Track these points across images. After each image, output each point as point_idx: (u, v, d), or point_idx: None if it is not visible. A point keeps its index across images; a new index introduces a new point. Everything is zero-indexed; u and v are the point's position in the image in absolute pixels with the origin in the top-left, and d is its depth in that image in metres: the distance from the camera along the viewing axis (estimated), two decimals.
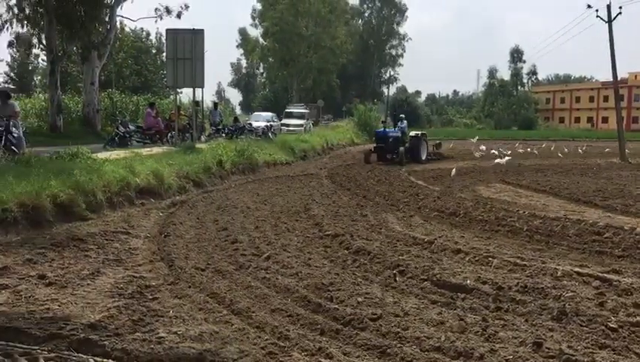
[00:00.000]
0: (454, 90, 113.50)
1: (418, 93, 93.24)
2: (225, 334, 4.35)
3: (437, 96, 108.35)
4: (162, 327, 4.48)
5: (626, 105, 64.54)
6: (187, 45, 18.24)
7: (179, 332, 4.35)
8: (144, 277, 5.95)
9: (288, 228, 8.86)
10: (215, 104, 30.44)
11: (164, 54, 23.40)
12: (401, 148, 22.36)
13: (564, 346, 4.11)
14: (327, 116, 58.79)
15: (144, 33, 49.58)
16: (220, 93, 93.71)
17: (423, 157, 23.57)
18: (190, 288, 5.62)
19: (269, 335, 4.36)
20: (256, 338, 4.28)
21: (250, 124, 28.87)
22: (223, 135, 24.57)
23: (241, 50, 70.71)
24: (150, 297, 5.29)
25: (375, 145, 23.48)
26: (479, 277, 6.00)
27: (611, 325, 4.58)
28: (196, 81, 18.75)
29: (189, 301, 5.19)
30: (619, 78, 27.94)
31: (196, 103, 23.56)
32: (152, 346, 4.10)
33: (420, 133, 24.65)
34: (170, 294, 5.41)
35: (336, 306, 5.04)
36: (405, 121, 26.09)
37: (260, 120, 31.90)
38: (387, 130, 23.70)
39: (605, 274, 6.19)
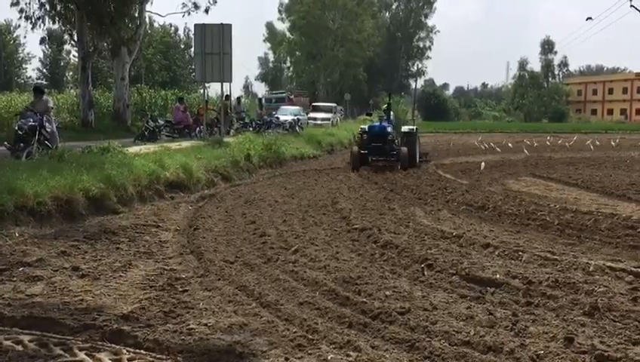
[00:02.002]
0: (483, 83, 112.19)
1: (446, 85, 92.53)
2: (254, 326, 4.39)
3: (465, 89, 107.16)
4: (192, 319, 4.55)
5: None
6: (215, 40, 18.36)
7: (209, 324, 4.40)
8: (174, 270, 6.04)
9: (316, 221, 8.89)
10: (238, 98, 30.64)
11: (193, 49, 23.67)
12: (403, 149, 17.20)
13: (596, 341, 4.05)
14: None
15: (172, 28, 50.20)
16: (247, 87, 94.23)
17: (418, 159, 18.52)
18: (219, 280, 5.69)
19: (297, 328, 4.39)
20: (285, 331, 4.31)
21: (278, 117, 28.97)
22: (250, 129, 24.71)
23: (269, 44, 70.98)
24: (180, 289, 5.37)
25: (362, 143, 17.62)
26: (509, 271, 5.93)
27: None
28: (224, 75, 18.87)
29: (219, 293, 5.25)
30: None
31: (225, 97, 23.74)
32: (183, 337, 4.17)
33: (414, 128, 19.53)
34: (199, 286, 5.48)
35: (364, 299, 5.04)
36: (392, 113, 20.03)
37: (287, 114, 31.98)
38: (384, 124, 17.90)
39: (639, 269, 6.07)
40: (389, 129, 17.74)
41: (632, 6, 25.38)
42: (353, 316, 4.68)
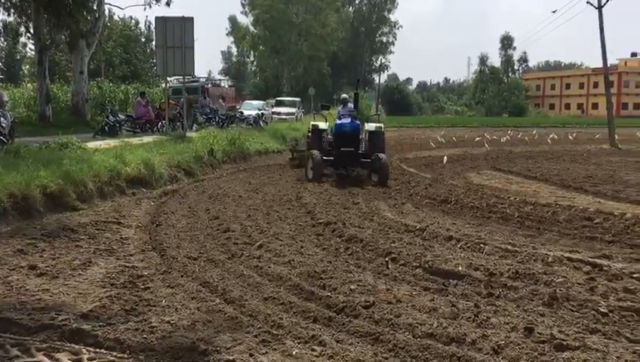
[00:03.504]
0: (445, 78, 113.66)
1: (409, 80, 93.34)
2: (218, 323, 4.35)
3: (428, 84, 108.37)
4: (155, 316, 4.47)
5: (615, 92, 64.76)
6: (177, 33, 18.07)
7: (171, 322, 4.34)
8: (136, 267, 5.93)
9: (280, 216, 8.85)
10: (203, 93, 30.27)
11: (154, 43, 23.25)
12: (381, 156, 12.91)
13: (555, 331, 4.14)
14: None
15: (133, 21, 49.21)
16: (233, 85, 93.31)
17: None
18: (182, 277, 5.61)
19: (261, 324, 4.36)
20: (249, 327, 4.28)
21: (242, 112, 28.76)
22: (214, 124, 24.46)
23: (232, 38, 70.24)
24: (142, 287, 5.27)
25: (321, 146, 13.81)
26: (471, 263, 6.01)
27: (602, 310, 4.62)
28: (186, 69, 18.62)
29: (182, 290, 5.18)
30: (608, 65, 28.02)
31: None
32: (145, 335, 4.09)
33: (381, 125, 14.65)
34: (162, 283, 5.39)
35: (329, 294, 5.05)
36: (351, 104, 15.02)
37: (251, 108, 31.76)
38: (355, 122, 13.58)
39: (596, 260, 6.24)
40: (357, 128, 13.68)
41: (588, 2, 26.01)
42: (318, 310, 4.67)
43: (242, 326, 4.30)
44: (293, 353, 3.82)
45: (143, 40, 51.05)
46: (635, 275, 5.63)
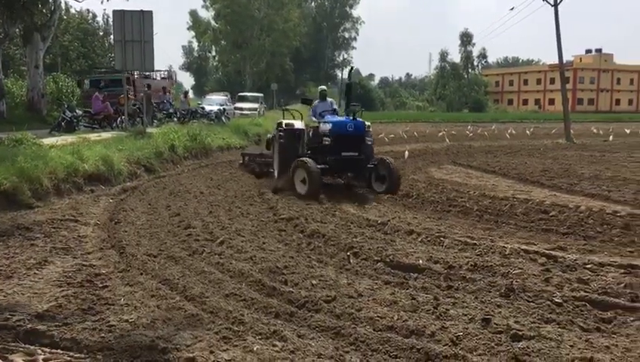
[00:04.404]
0: (407, 73, 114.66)
1: (371, 76, 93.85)
2: (178, 320, 4.30)
3: (390, 80, 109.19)
4: (113, 315, 4.40)
5: (571, 88, 66.52)
6: (135, 27, 17.77)
7: (130, 320, 4.27)
8: (94, 266, 5.82)
9: (242, 212, 8.80)
10: (164, 88, 29.86)
11: (112, 37, 22.73)
12: (389, 161, 10.95)
13: (511, 321, 4.23)
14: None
15: (90, 15, 48.09)
16: (171, 76, 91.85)
17: None
18: (142, 275, 5.53)
19: (223, 320, 4.34)
20: (210, 324, 4.25)
21: (203, 107, 28.45)
22: (175, 119, 24.14)
23: (193, 33, 69.34)
24: (100, 285, 5.17)
25: (314, 152, 11.05)
26: (431, 256, 6.10)
27: (556, 300, 4.74)
28: (145, 64, 18.33)
29: (141, 288, 5.10)
30: (564, 61, 28.74)
31: (147, 87, 23.07)
32: (103, 334, 4.02)
33: (368, 124, 11.44)
34: (121, 282, 5.30)
35: (291, 289, 5.05)
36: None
37: (213, 103, 31.45)
38: (359, 120, 10.95)
39: (551, 251, 6.41)
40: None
41: (544, 0, 26.61)
42: (280, 306, 4.67)
43: (203, 323, 4.27)
44: (255, 349, 3.81)
45: (101, 34, 49.92)
46: (588, 266, 5.80)
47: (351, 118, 10.89)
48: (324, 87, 13.30)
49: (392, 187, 10.62)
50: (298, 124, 11.68)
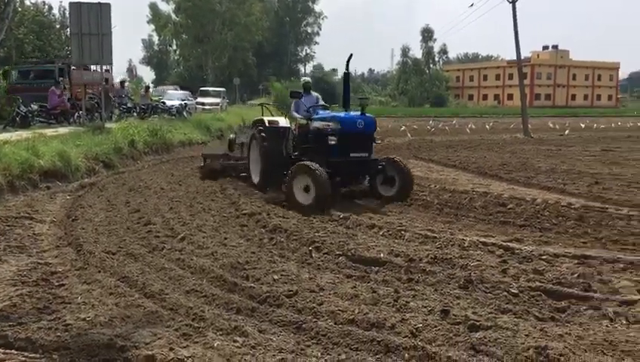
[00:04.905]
0: (370, 69, 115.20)
1: (334, 71, 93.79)
2: (137, 318, 4.25)
3: (353, 75, 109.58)
4: (69, 314, 4.31)
5: (528, 83, 68.01)
6: (93, 20, 17.34)
7: (87, 319, 4.19)
8: (50, 264, 5.69)
9: (204, 208, 8.72)
10: (121, 82, 29.33)
11: (69, 29, 22.12)
12: (398, 163, 9.81)
13: (469, 312, 4.31)
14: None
15: (46, 7, 46.80)
16: (131, 70, 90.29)
17: None
18: (100, 273, 5.43)
19: (183, 317, 4.30)
20: (170, 321, 4.20)
21: (164, 102, 28.03)
22: (135, 114, 23.73)
23: (153, 26, 68.15)
24: (56, 284, 5.07)
25: (314, 153, 9.48)
26: (392, 250, 6.15)
27: (513, 290, 4.84)
28: (103, 57, 17.93)
29: (99, 286, 5.01)
30: (522, 57, 29.32)
31: (105, 81, 22.60)
32: (59, 334, 3.94)
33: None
34: (78, 280, 5.20)
35: (252, 284, 5.03)
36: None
37: (174, 98, 31.01)
38: (369, 116, 9.58)
39: (508, 243, 6.55)
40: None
41: None
42: (241, 301, 4.65)
43: (162, 320, 4.22)
44: (215, 345, 3.79)
45: (57, 26, 48.61)
46: (543, 257, 5.95)
47: (360, 114, 9.39)
48: (308, 78, 12.37)
49: (404, 191, 9.33)
50: (282, 122, 10.39)
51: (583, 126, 34.99)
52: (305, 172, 8.61)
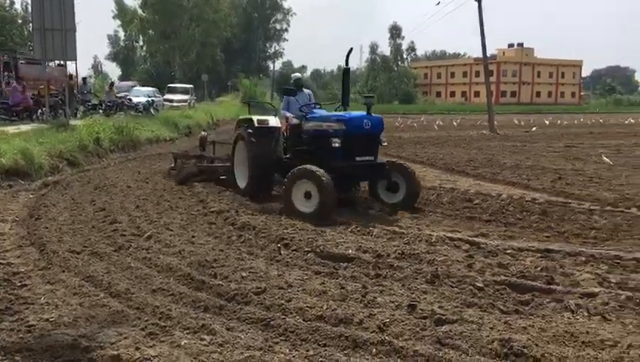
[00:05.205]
0: (339, 66, 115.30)
1: (304, 67, 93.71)
2: (102, 318, 4.18)
3: (322, 72, 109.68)
4: (32, 315, 4.22)
5: (494, 81, 69.02)
6: (56, 14, 16.99)
7: (51, 319, 4.11)
8: (12, 264, 5.56)
9: (171, 206, 8.63)
10: (84, 79, 28.84)
11: (31, 24, 21.51)
12: (407, 165, 9.45)
13: (435, 307, 4.37)
14: None
15: (7, 1, 45.67)
16: (96, 66, 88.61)
17: None
18: (64, 272, 5.33)
19: (149, 316, 4.25)
20: (136, 320, 4.15)
21: (130, 99, 27.62)
22: (100, 111, 23.33)
23: (118, 22, 66.95)
24: (19, 284, 4.96)
25: (318, 156, 8.57)
26: (360, 246, 6.18)
27: (478, 284, 4.93)
28: (67, 53, 17.59)
29: (63, 286, 4.92)
30: (488, 55, 29.74)
31: (70, 77, 22.16)
32: (21, 335, 3.86)
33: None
34: (41, 280, 5.09)
35: (220, 282, 5.01)
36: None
37: (141, 95, 30.57)
38: (375, 116, 8.75)
39: (474, 238, 6.66)
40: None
41: None
42: (209, 299, 4.63)
43: (128, 319, 4.17)
44: (182, 343, 3.76)
45: (19, 22, 47.48)
46: (508, 251, 6.06)
47: (366, 114, 8.52)
48: (299, 74, 11.34)
49: (410, 199, 8.60)
50: (273, 121, 9.37)
51: (547, 123, 35.70)
52: (306, 177, 7.81)
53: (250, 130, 9.21)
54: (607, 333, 3.91)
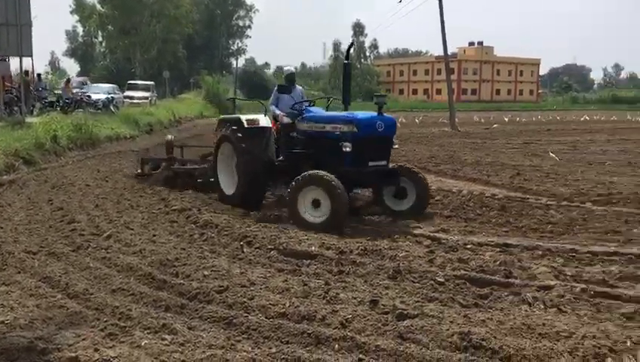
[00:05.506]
0: (302, 63, 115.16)
1: (267, 65, 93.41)
2: (59, 319, 4.10)
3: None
4: None
5: (455, 78, 70.02)
6: (11, 9, 16.53)
7: (6, 322, 4.00)
8: None
9: (132, 204, 8.49)
10: (39, 75, 28.13)
11: None
12: (415, 169, 8.67)
13: (397, 302, 4.42)
14: None
15: None
16: (54, 63, 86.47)
17: None
18: (20, 273, 5.20)
19: (108, 317, 4.18)
20: (95, 321, 4.08)
21: (89, 96, 27.02)
22: (58, 108, 22.78)
23: (77, 17, 65.32)
24: None
25: (328, 160, 7.71)
26: (323, 243, 6.19)
27: (439, 279, 5.01)
28: (23, 48, 17.10)
29: (18, 287, 4.80)
30: (449, 53, 30.15)
31: (25, 73, 21.55)
32: None
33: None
34: None
35: (182, 281, 4.96)
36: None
37: (100, 92, 29.93)
38: (388, 117, 7.99)
39: (435, 234, 6.78)
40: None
41: None
42: (170, 299, 4.58)
43: (87, 320, 4.10)
44: (142, 344, 3.71)
45: None
46: (468, 246, 6.19)
47: (377, 115, 7.74)
48: (292, 68, 10.41)
49: (421, 206, 7.98)
50: (263, 121, 8.43)
51: (506, 120, 36.44)
52: (315, 183, 7.10)
53: (238, 132, 8.31)
54: (563, 325, 4.02)
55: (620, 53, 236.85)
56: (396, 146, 8.28)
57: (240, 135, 8.29)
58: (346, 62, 9.02)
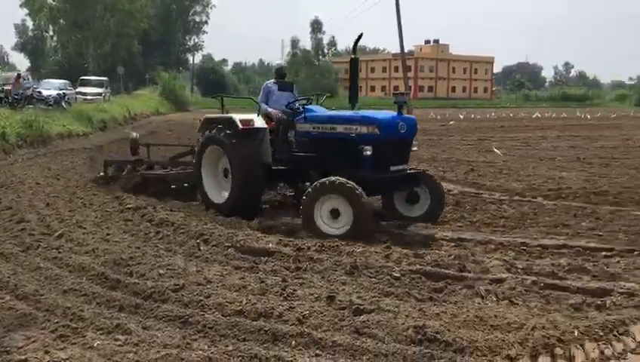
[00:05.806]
0: (261, 59, 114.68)
1: (224, 61, 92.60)
2: (8, 321, 3.98)
3: (244, 65, 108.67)
4: None
5: (412, 76, 70.90)
6: None
7: None
8: None
9: (85, 203, 8.29)
10: None
11: None
12: (430, 173, 8.46)
13: (354, 297, 4.45)
14: None
15: None
16: (2, 57, 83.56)
17: None
18: None
19: (59, 318, 4.08)
20: (45, 322, 3.98)
21: (40, 92, 26.20)
22: (7, 105, 22.05)
23: (26, 10, 63.21)
24: None
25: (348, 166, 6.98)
26: (281, 240, 6.18)
27: (395, 274, 5.07)
28: None
29: None
30: (406, 51, 30.52)
31: None
32: None
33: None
34: None
35: (137, 281, 4.88)
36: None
37: (51, 88, 29.07)
38: (409, 116, 7.63)
39: (393, 229, 6.84)
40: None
41: None
42: (124, 298, 4.50)
43: (37, 322, 3.99)
44: (95, 345, 3.64)
45: None
46: (424, 241, 6.28)
47: (397, 114, 7.11)
48: (282, 62, 9.86)
49: (436, 211, 7.46)
50: (258, 121, 7.73)
51: (461, 117, 37.09)
52: (334, 191, 6.48)
53: (230, 134, 7.56)
54: (514, 316, 4.13)
55: (571, 52, 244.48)
56: (415, 148, 7.71)
57: (232, 137, 7.53)
58: (353, 57, 8.16)
